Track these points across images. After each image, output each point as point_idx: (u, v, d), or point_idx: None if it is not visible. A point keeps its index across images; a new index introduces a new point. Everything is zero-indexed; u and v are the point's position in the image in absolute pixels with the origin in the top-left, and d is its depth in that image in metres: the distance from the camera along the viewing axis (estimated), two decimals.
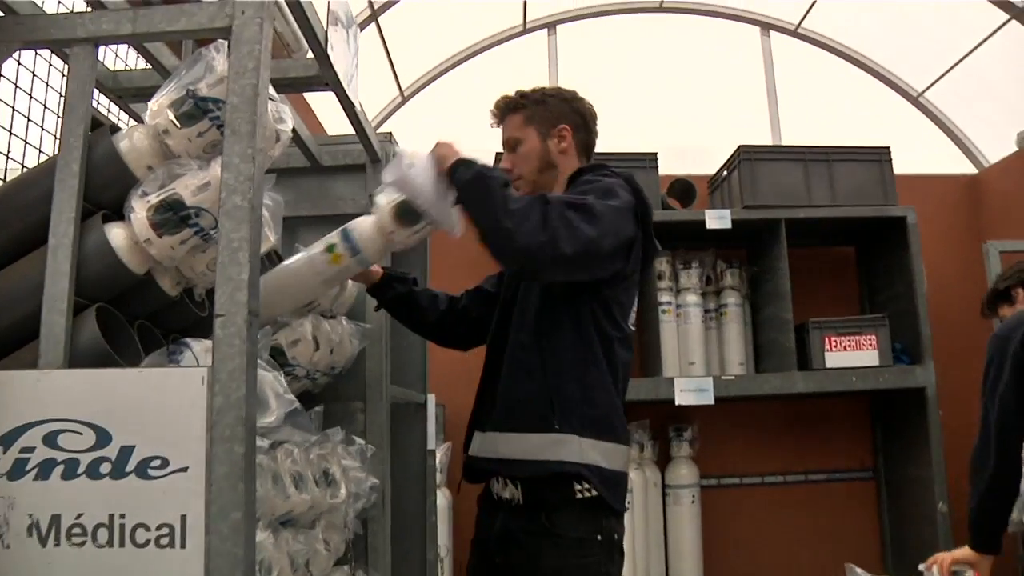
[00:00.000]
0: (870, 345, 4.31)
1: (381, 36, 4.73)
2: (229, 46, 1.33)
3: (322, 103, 3.99)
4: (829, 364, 4.25)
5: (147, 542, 1.20)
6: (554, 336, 1.81)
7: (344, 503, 1.83)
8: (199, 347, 1.37)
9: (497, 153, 4.43)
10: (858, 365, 4.26)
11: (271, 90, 1.44)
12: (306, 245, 2.24)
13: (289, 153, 2.45)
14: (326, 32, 1.75)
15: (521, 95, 2.10)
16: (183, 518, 1.20)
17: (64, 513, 1.23)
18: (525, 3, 5.20)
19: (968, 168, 5.48)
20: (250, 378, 1.21)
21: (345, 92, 1.93)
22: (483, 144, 4.86)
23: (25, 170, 1.63)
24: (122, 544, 1.21)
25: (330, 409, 2.28)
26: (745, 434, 4.80)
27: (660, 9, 5.52)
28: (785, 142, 5.35)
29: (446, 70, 5.35)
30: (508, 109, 2.09)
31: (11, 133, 1.67)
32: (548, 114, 2.08)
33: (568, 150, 2.06)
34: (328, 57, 1.77)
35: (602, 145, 4.11)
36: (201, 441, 1.20)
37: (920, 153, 5.59)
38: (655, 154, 4.41)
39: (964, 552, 2.54)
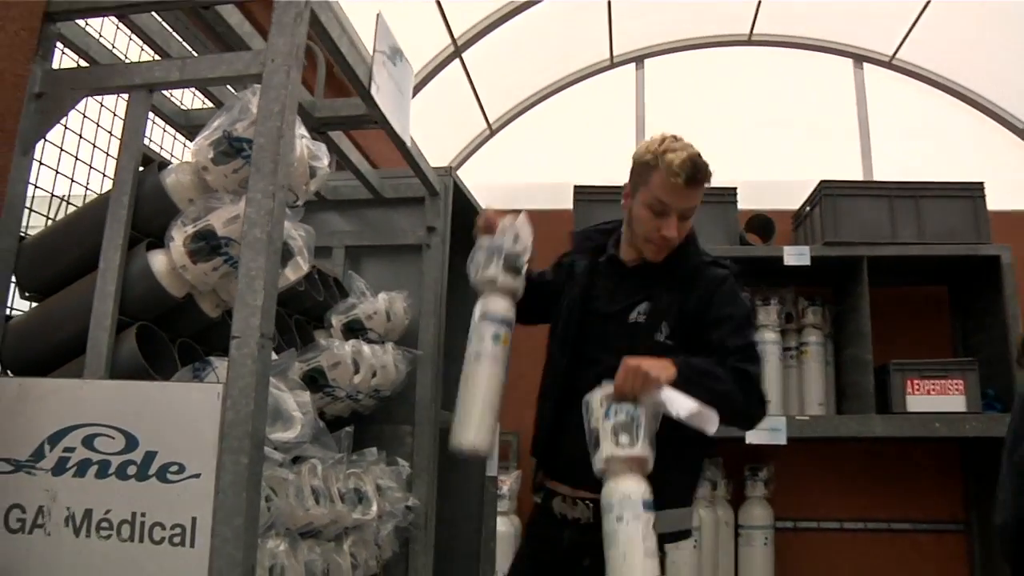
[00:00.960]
0: (956, 390, 4.14)
1: (465, 70, 4.90)
2: None
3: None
4: (911, 408, 4.10)
5: (163, 539, 1.33)
6: None
7: (374, 520, 1.92)
8: (222, 365, 1.50)
9: (576, 187, 4.52)
10: (942, 410, 4.09)
11: (302, 129, 1.57)
12: (369, 276, 2.44)
13: (357, 186, 2.61)
14: (370, 73, 1.87)
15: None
16: (194, 520, 1.32)
17: (95, 508, 1.37)
18: (611, 37, 5.28)
19: None
20: (260, 396, 1.33)
21: (393, 130, 2.04)
22: (567, 178, 4.99)
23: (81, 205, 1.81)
24: (141, 540, 1.33)
25: (380, 430, 2.40)
26: (825, 477, 4.67)
27: (749, 42, 5.51)
28: (877, 177, 5.24)
29: (534, 103, 5.49)
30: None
31: (73, 180, 1.86)
32: None
33: None
34: (373, 98, 1.89)
35: None
36: (213, 451, 1.32)
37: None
38: (735, 189, 4.40)
39: None
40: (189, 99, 2.31)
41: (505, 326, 2.16)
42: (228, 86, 2.00)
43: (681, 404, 1.81)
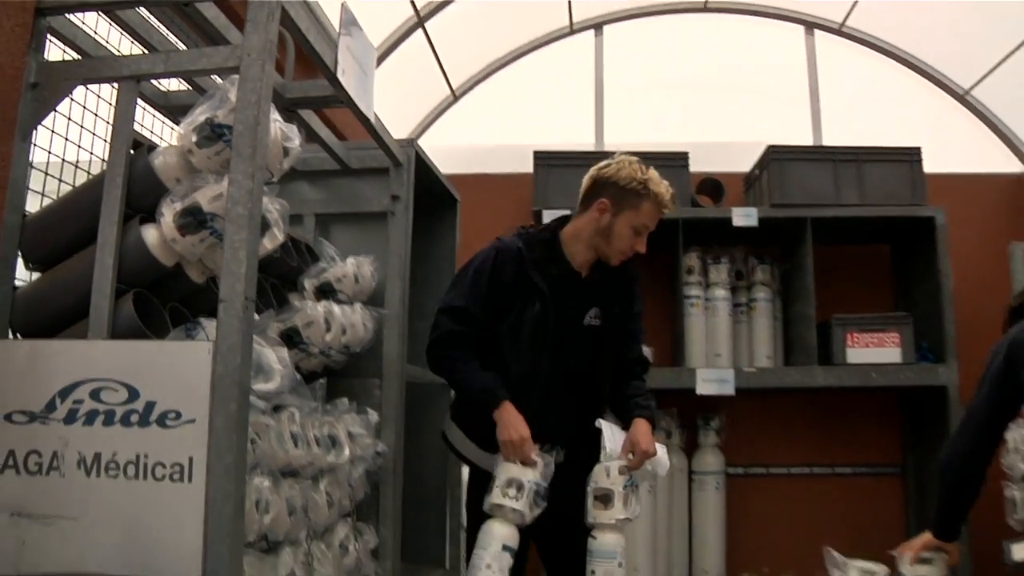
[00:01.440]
0: (893, 343, 4.41)
1: (428, 39, 5.05)
2: None
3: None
4: (850, 360, 4.38)
5: (164, 476, 1.54)
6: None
7: (347, 463, 2.15)
8: (211, 325, 1.70)
9: (537, 152, 4.71)
10: (880, 362, 4.37)
11: (275, 113, 1.76)
12: (337, 242, 2.66)
13: (326, 157, 2.79)
14: (336, 58, 2.06)
15: None
16: (191, 459, 1.53)
17: (103, 452, 1.58)
18: (571, 4, 5.44)
19: (1018, 167, 5.47)
20: (245, 351, 1.54)
21: (358, 108, 2.23)
22: (528, 140, 5.18)
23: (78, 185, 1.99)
24: (145, 478, 1.55)
25: (350, 384, 2.62)
26: (773, 426, 4.95)
27: (705, 9, 5.68)
28: (827, 141, 5.47)
29: (496, 70, 5.64)
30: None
31: (75, 165, 2.04)
32: None
33: None
34: (339, 80, 2.08)
35: (642, 143, 4.49)
36: (206, 399, 1.53)
37: (967, 152, 5.63)
38: (686, 153, 4.62)
39: (927, 539, 2.74)
40: (167, 81, 2.47)
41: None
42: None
43: (662, 464, 2.44)
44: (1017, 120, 5.49)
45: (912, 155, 4.62)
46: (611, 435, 2.44)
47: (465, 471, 4.19)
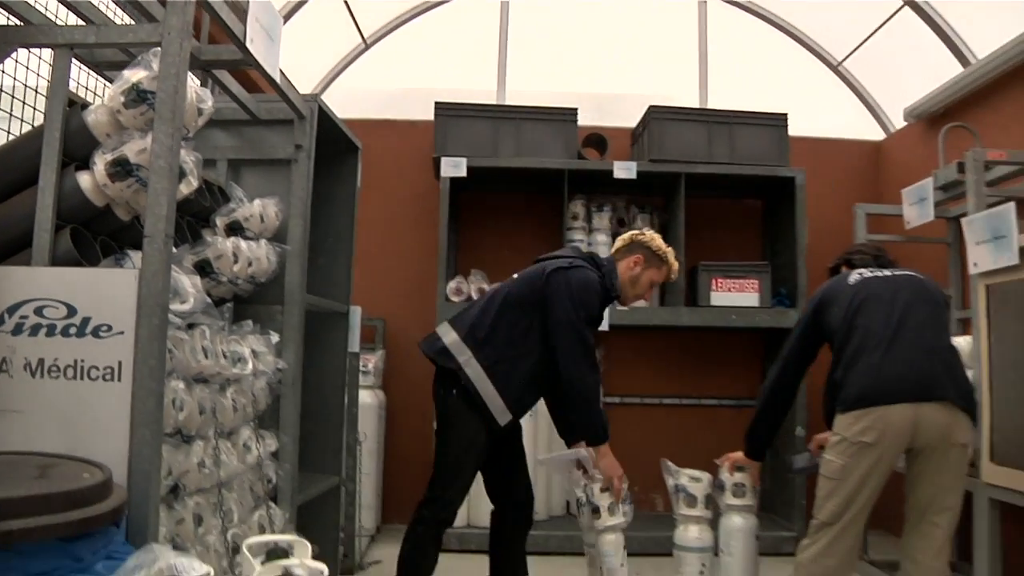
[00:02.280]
0: (752, 288, 5.01)
1: None
2: None
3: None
4: (714, 303, 4.96)
5: (98, 377, 1.92)
6: None
7: (250, 376, 2.55)
8: (137, 256, 2.07)
9: (438, 103, 5.06)
10: (740, 305, 4.95)
11: (192, 79, 2.11)
12: (247, 185, 3.01)
13: (237, 108, 3.11)
14: (245, 30, 2.39)
15: None
16: (120, 363, 1.91)
17: (47, 358, 1.94)
18: None
19: (882, 135, 6.04)
20: (165, 278, 1.92)
21: (265, 71, 2.57)
22: (436, 86, 5.51)
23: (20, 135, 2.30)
24: (82, 378, 1.92)
25: (256, 310, 3.00)
26: (648, 360, 5.53)
27: None
28: (712, 100, 5.95)
29: (407, 19, 5.91)
30: None
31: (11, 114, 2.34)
32: None
33: None
34: (248, 49, 2.42)
35: (539, 97, 4.96)
36: (132, 315, 1.91)
37: (839, 119, 6.19)
38: (575, 109, 5.06)
39: (740, 455, 3.32)
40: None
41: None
42: None
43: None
44: (881, 91, 6.04)
45: (779, 120, 5.17)
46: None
47: (367, 397, 4.63)
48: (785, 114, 5.18)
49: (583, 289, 3.10)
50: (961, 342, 3.69)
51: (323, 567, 1.64)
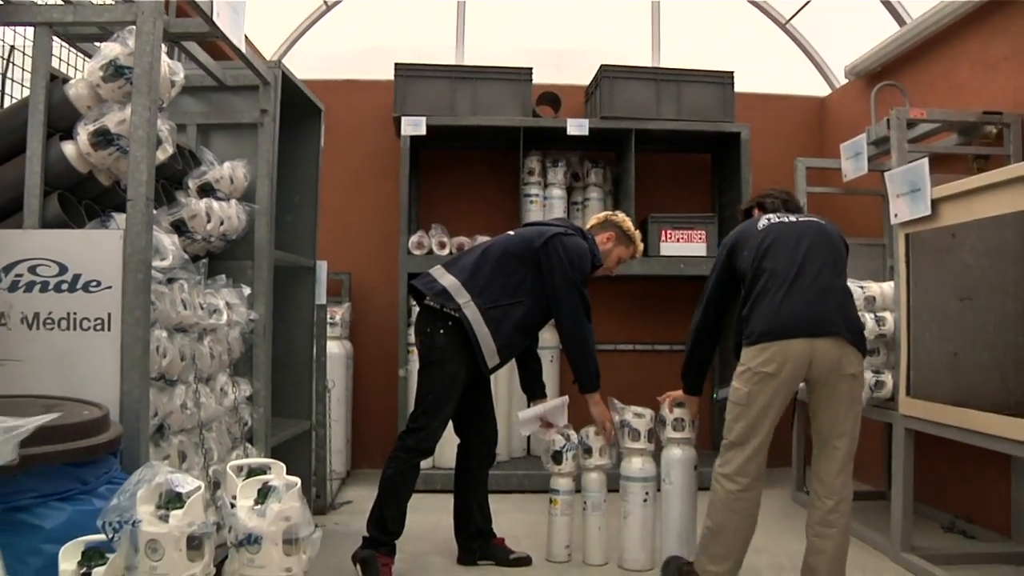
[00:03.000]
0: (700, 239, 5.26)
1: None
2: None
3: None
4: (663, 252, 5.21)
5: (89, 328, 2.14)
6: None
7: (225, 326, 2.78)
8: (120, 217, 2.28)
9: (397, 64, 5.22)
10: (688, 255, 5.21)
11: (164, 56, 2.30)
12: (215, 148, 3.20)
13: (205, 75, 3.28)
14: (211, 3, 2.58)
15: None
16: (109, 315, 2.14)
17: (41, 311, 2.16)
18: None
19: (827, 91, 6.28)
20: (147, 237, 2.14)
21: (231, 42, 2.76)
22: (398, 47, 5.65)
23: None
24: (75, 329, 2.15)
25: (228, 265, 3.21)
26: (602, 308, 5.71)
27: None
28: (664, 60, 6.14)
29: None
30: None
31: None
32: None
33: None
34: (215, 22, 2.60)
35: (497, 55, 5.18)
36: (119, 271, 2.13)
37: (787, 75, 6.42)
38: (530, 69, 5.25)
39: (679, 392, 3.60)
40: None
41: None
42: None
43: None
44: (828, 49, 6.26)
45: (725, 78, 5.39)
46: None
47: (334, 347, 4.86)
48: (731, 72, 5.40)
49: (579, 254, 3.47)
50: (886, 287, 4.02)
51: (296, 480, 1.88)
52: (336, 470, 4.85)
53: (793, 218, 3.22)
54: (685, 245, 5.26)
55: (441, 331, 3.37)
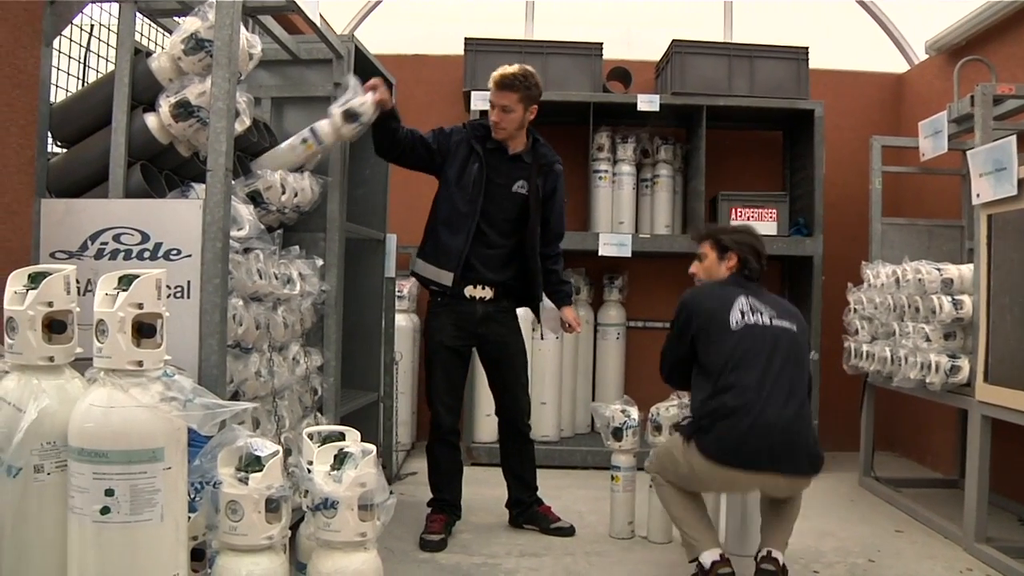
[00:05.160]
0: (771, 217, 5.18)
1: None
2: None
3: None
4: None
5: (170, 295, 2.20)
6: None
7: (298, 295, 2.84)
8: (200, 187, 2.34)
9: (467, 39, 5.21)
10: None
11: (243, 29, 2.34)
12: (288, 121, 3.25)
13: (280, 49, 3.33)
14: None
15: (518, 79, 3.46)
16: (188, 282, 2.20)
17: None
18: None
19: (905, 68, 6.08)
20: (225, 207, 2.18)
21: (306, 16, 2.79)
22: (466, 24, 5.64)
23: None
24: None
25: (301, 237, 3.26)
26: (669, 285, 5.69)
27: None
28: (737, 35, 6.02)
29: None
30: (506, 87, 3.44)
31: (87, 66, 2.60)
32: (531, 96, 3.48)
33: (531, 119, 3.55)
34: None
35: (567, 30, 5.16)
36: (198, 240, 2.19)
37: (863, 51, 6.22)
38: (600, 44, 5.21)
39: None
40: None
41: (315, 139, 3.12)
42: None
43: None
44: (907, 24, 6.06)
45: (800, 53, 5.26)
46: (545, 309, 3.70)
47: (402, 320, 4.92)
48: (806, 47, 5.27)
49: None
50: (965, 270, 3.89)
51: (372, 447, 1.92)
52: (402, 442, 4.91)
53: (766, 318, 2.97)
54: (756, 223, 5.15)
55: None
